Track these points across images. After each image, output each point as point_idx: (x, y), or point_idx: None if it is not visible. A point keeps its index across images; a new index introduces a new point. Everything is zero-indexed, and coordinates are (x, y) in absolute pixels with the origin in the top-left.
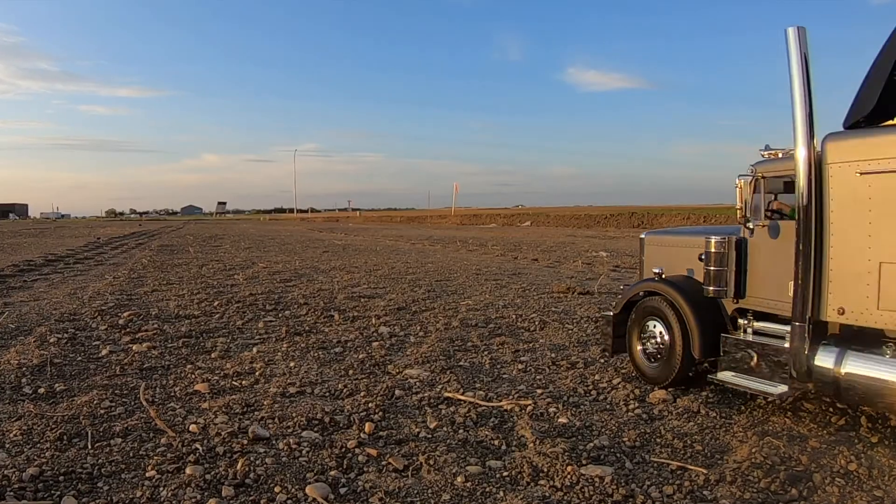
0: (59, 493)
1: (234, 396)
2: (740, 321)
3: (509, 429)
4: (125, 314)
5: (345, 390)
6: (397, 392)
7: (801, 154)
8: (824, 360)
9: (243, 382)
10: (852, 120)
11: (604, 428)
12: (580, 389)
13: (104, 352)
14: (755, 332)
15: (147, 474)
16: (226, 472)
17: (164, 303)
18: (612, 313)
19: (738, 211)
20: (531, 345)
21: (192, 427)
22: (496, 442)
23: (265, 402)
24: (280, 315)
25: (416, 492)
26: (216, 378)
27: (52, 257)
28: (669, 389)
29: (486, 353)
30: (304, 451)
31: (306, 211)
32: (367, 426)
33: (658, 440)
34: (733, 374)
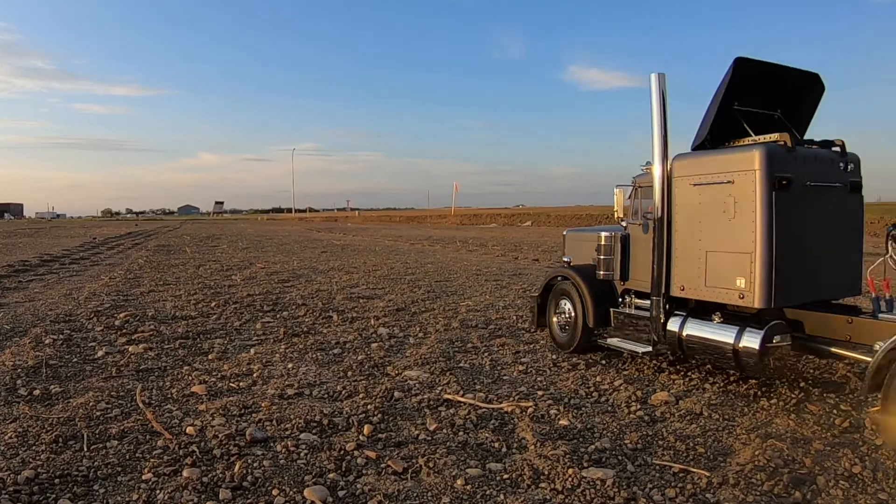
0: (54, 496)
1: (231, 398)
2: (626, 298)
3: (510, 431)
4: (121, 315)
5: (343, 392)
6: (396, 394)
7: (657, 171)
8: (673, 325)
9: (241, 384)
10: (696, 143)
11: (605, 430)
12: (581, 391)
13: (100, 353)
14: (635, 307)
15: (143, 477)
16: (223, 475)
17: (161, 304)
18: (536, 295)
19: (615, 213)
20: (532, 346)
21: (189, 429)
22: (496, 444)
23: (263, 404)
24: (278, 316)
25: (415, 495)
26: (213, 380)
27: (48, 257)
28: (672, 392)
29: (486, 354)
30: (302, 454)
31: (304, 211)
32: (366, 428)
33: (660, 442)
34: (618, 339)
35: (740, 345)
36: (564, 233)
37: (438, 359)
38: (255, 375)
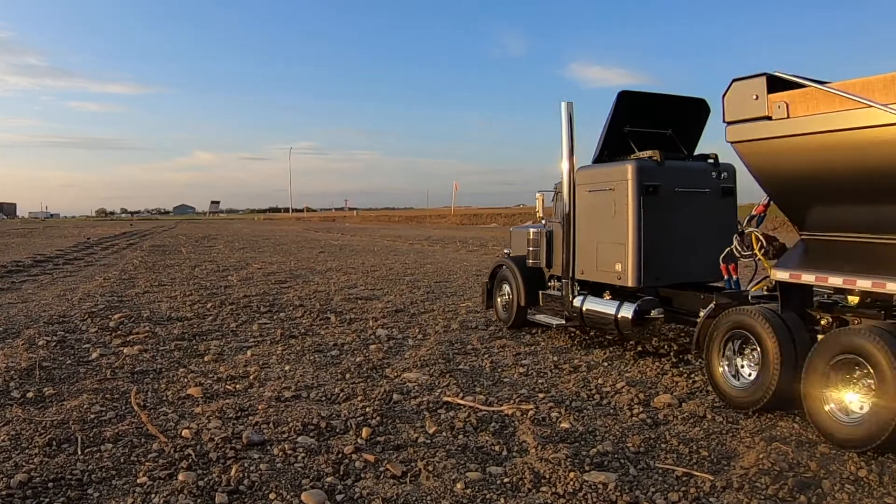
0: (48, 500)
1: (227, 401)
2: (551, 282)
3: (510, 434)
4: (116, 316)
5: (341, 394)
6: (395, 396)
7: (565, 180)
8: (577, 302)
9: (237, 386)
10: (594, 158)
11: (607, 433)
12: (583, 394)
13: (94, 355)
14: (556, 289)
15: (138, 481)
16: (219, 479)
17: (156, 304)
18: (486, 281)
19: (537, 214)
20: (533, 348)
21: (185, 432)
22: (497, 447)
23: (259, 407)
24: (275, 317)
25: (414, 499)
26: (209, 382)
27: (41, 258)
28: (675, 394)
29: (486, 356)
30: (299, 457)
31: (302, 210)
32: (365, 431)
33: (663, 446)
34: (543, 315)
35: (619, 315)
36: (511, 229)
37: (438, 361)
38: (251, 378)
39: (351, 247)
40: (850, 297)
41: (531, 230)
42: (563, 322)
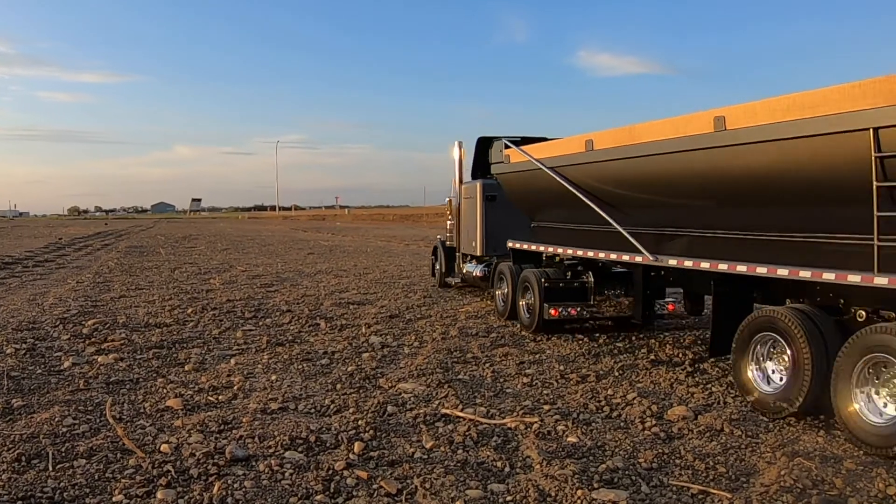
0: None
1: (209, 413)
2: (471, 260)
3: (513, 449)
4: (90, 322)
5: (332, 406)
6: (390, 408)
7: (455, 189)
8: (463, 267)
9: (220, 398)
10: (472, 176)
11: (617, 448)
12: (591, 405)
13: (66, 364)
14: (464, 262)
15: (114, 499)
16: (200, 497)
17: (133, 310)
18: (431, 256)
19: (447, 213)
20: (537, 356)
21: (164, 447)
22: (499, 463)
23: (244, 420)
24: (260, 323)
25: None
26: (190, 393)
27: (9, 260)
28: (690, 406)
29: (487, 365)
30: (286, 474)
31: (289, 208)
32: (357, 446)
33: (677, 461)
34: (455, 280)
35: (475, 273)
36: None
37: (435, 370)
38: (235, 388)
39: (342, 248)
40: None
41: (448, 222)
42: (459, 281)
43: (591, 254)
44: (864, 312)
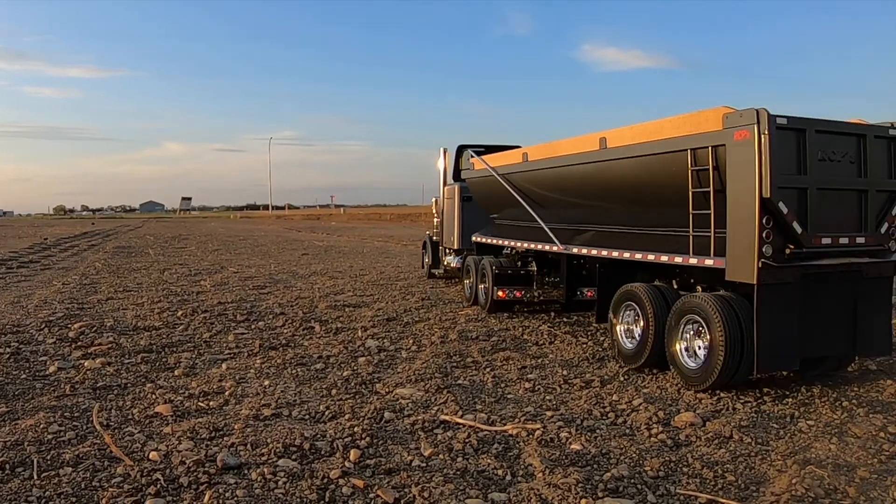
0: None
1: (200, 419)
2: (451, 252)
3: (515, 456)
4: (76, 326)
5: (327, 412)
6: (387, 414)
7: (440, 193)
8: (445, 259)
9: (211, 404)
10: (452, 178)
11: (623, 455)
12: (596, 411)
13: (52, 368)
14: (446, 255)
15: None
16: None
17: (121, 313)
18: (422, 249)
19: (433, 212)
20: (540, 360)
21: (153, 454)
22: (500, 471)
23: (236, 426)
24: (253, 326)
25: None
26: (180, 399)
27: None
28: (698, 412)
29: (488, 369)
30: (280, 482)
31: (283, 208)
32: (353, 453)
33: (685, 469)
34: (439, 271)
35: (453, 264)
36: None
37: (434, 375)
38: (227, 394)
39: (337, 248)
40: None
41: (435, 220)
42: (442, 270)
43: (527, 245)
44: (676, 284)
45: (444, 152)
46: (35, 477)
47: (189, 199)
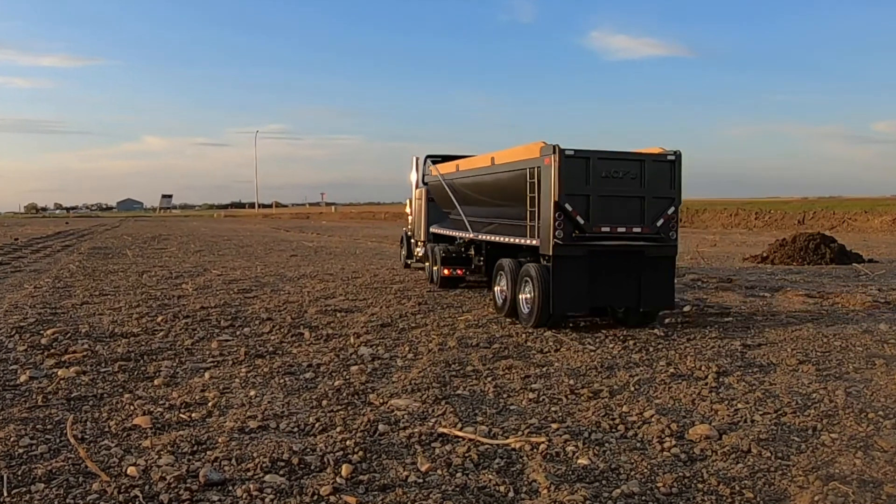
0: None
1: (181, 432)
2: (419, 244)
3: (518, 472)
4: (49, 332)
5: (317, 425)
6: (381, 427)
7: (413, 194)
8: (416, 250)
9: (193, 415)
10: (421, 181)
11: (633, 471)
12: (604, 424)
13: (23, 378)
14: (416, 246)
15: None
16: None
17: (97, 318)
18: (399, 245)
19: (407, 211)
20: (544, 369)
21: (131, 470)
22: (502, 488)
23: (220, 440)
24: (238, 333)
25: None
26: (160, 410)
27: None
28: (713, 424)
29: (489, 379)
30: (267, 500)
31: (270, 206)
32: (345, 469)
33: (700, 486)
34: (412, 261)
35: (421, 253)
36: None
37: (432, 384)
38: (210, 405)
39: (328, 249)
40: None
41: (409, 218)
42: (415, 261)
43: (460, 234)
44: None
45: (416, 161)
46: (5, 493)
47: (170, 196)
